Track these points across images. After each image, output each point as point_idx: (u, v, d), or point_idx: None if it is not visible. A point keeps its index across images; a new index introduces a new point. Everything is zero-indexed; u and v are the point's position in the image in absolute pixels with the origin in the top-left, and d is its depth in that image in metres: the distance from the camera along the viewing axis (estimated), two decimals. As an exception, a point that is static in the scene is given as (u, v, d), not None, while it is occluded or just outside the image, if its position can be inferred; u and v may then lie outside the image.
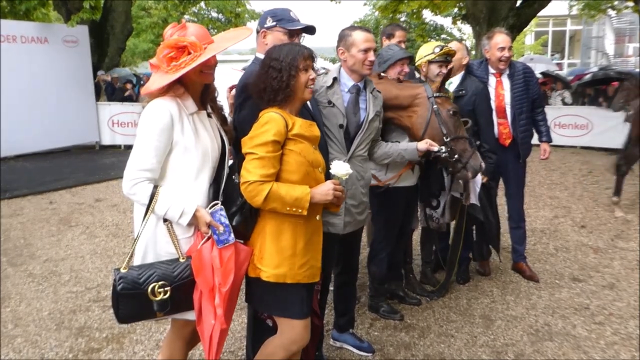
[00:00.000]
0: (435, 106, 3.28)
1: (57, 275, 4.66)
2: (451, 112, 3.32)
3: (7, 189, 7.80)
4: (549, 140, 4.50)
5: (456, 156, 3.25)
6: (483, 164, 3.29)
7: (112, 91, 13.32)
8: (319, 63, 5.01)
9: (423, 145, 3.17)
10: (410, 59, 3.58)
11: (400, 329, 3.67)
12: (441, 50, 3.65)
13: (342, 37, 2.97)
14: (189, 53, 2.20)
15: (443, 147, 3.24)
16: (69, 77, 11.28)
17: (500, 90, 4.25)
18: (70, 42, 11.40)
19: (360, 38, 2.89)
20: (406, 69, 3.51)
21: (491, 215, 4.10)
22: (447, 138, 3.25)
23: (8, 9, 12.81)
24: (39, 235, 5.83)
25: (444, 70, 3.71)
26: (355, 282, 3.43)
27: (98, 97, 12.42)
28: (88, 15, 10.81)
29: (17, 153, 10.36)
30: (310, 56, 2.37)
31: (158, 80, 2.22)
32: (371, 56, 2.90)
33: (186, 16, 17.16)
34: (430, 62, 3.67)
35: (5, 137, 9.91)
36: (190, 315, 2.30)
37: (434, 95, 3.32)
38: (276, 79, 2.30)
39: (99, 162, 10.39)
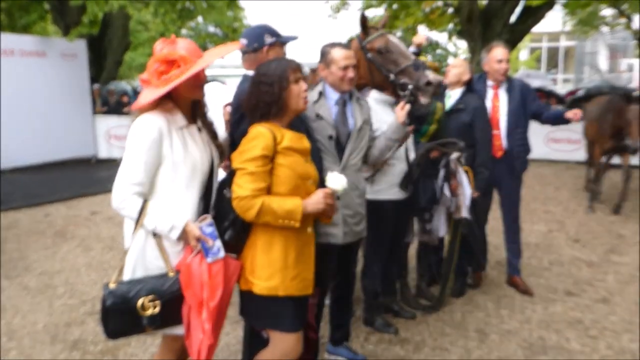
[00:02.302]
0: (369, 54, 3.19)
1: (52, 288, 4.66)
2: (379, 50, 3.18)
3: (3, 201, 7.79)
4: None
5: (409, 86, 3.08)
6: (432, 78, 3.06)
7: (107, 104, 13.38)
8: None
9: (400, 114, 3.04)
10: None
11: (395, 342, 3.68)
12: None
13: (323, 54, 3.01)
14: (179, 66, 2.22)
15: (405, 94, 3.08)
16: (66, 90, 11.32)
17: (496, 103, 4.34)
18: (68, 55, 11.45)
19: (339, 56, 2.92)
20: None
21: (476, 229, 4.13)
22: (392, 77, 3.14)
23: (6, 22, 12.88)
24: (34, 248, 5.82)
25: None
26: (351, 296, 3.44)
27: (95, 110, 12.47)
28: (87, 29, 10.87)
29: (14, 166, 10.35)
30: (298, 68, 2.41)
31: (148, 95, 2.24)
32: (350, 73, 2.92)
33: (184, 30, 17.26)
34: None
35: (2, 150, 9.92)
36: (180, 330, 2.30)
37: (364, 43, 3.22)
38: (268, 93, 2.33)
39: (95, 175, 10.37)
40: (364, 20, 3.24)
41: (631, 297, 4.40)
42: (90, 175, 10.44)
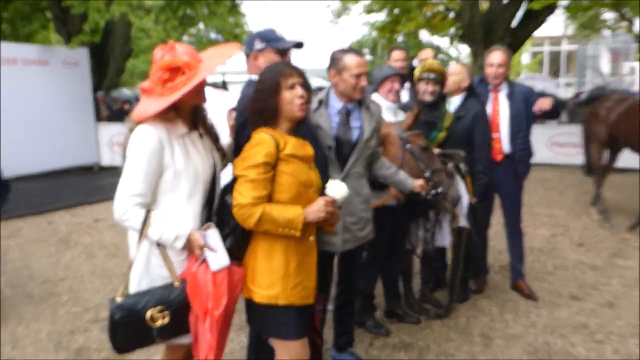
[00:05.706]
0: (408, 145, 3.34)
1: (55, 296, 4.65)
2: (422, 148, 3.38)
3: (6, 210, 7.77)
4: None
5: (440, 189, 3.31)
6: (460, 194, 3.33)
7: (111, 111, 13.40)
8: (316, 83, 5.06)
9: (418, 185, 3.24)
10: (401, 77, 3.63)
11: (399, 348, 3.66)
12: (424, 67, 3.87)
13: (334, 60, 2.93)
14: (183, 73, 2.18)
15: (432, 190, 3.32)
16: (69, 98, 11.35)
17: (496, 106, 4.33)
18: (70, 63, 11.49)
19: (352, 63, 2.86)
20: (396, 85, 3.54)
21: (475, 236, 4.11)
22: (426, 173, 3.30)
23: (9, 31, 12.92)
24: (38, 256, 5.82)
25: (430, 88, 3.83)
26: (355, 302, 3.43)
27: (98, 117, 12.49)
28: (88, 38, 10.91)
29: (16, 174, 10.34)
30: (295, 74, 2.34)
31: (154, 104, 2.20)
32: (363, 81, 2.87)
33: (185, 37, 17.30)
34: (419, 79, 3.84)
35: (5, 158, 9.92)
36: (187, 339, 2.29)
37: (405, 135, 3.38)
38: (259, 100, 2.32)
39: (98, 182, 10.39)
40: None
41: (636, 301, 4.37)
42: (93, 182, 10.46)
